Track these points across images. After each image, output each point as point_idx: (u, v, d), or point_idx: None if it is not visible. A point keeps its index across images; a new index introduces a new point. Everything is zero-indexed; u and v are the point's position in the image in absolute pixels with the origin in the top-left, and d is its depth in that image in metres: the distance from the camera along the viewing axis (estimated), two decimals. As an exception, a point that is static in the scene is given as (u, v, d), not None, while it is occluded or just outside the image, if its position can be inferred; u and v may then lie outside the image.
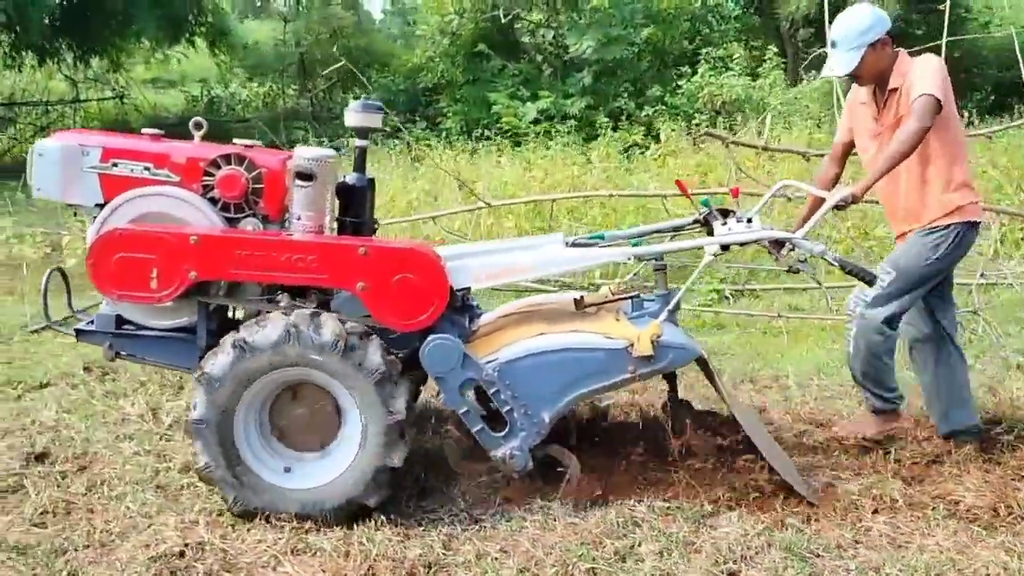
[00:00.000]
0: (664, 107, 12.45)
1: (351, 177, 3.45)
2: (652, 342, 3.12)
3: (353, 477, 3.04)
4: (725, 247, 3.32)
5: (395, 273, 3.09)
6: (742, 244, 3.34)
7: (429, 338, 3.14)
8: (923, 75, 3.38)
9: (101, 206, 3.21)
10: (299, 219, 3.21)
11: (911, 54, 3.58)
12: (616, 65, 13.46)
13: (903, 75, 3.48)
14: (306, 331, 2.98)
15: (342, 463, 3.07)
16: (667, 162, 9.92)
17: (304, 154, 3.21)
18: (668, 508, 3.20)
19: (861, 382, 3.77)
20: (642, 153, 10.80)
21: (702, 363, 3.36)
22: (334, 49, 15.97)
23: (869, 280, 3.24)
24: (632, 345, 3.13)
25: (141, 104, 16.67)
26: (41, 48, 13.44)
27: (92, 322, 3.32)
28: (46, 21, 11.07)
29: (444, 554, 2.92)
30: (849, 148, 3.80)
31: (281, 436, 3.16)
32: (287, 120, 14.71)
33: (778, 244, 3.46)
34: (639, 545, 2.97)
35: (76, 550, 2.92)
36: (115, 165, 3.21)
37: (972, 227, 3.55)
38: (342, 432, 3.11)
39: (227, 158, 3.23)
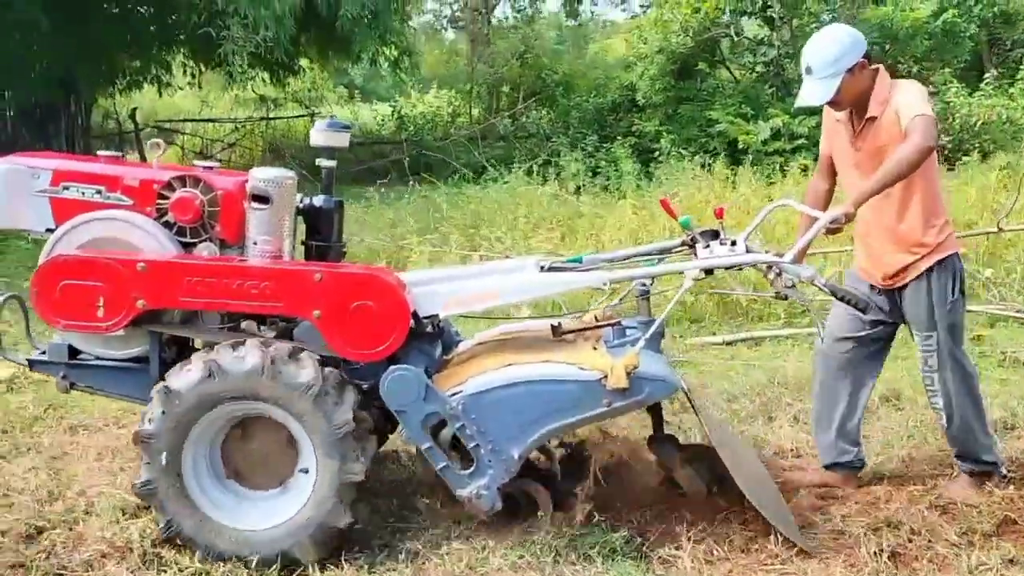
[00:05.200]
0: None
1: (318, 199, 3.29)
2: (627, 373, 2.90)
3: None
4: (708, 271, 3.10)
5: (352, 300, 2.92)
6: (726, 268, 3.12)
7: (389, 369, 2.96)
8: (909, 100, 3.13)
9: (52, 231, 3.09)
10: (255, 244, 3.06)
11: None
12: None
13: (883, 103, 3.22)
14: (282, 368, 2.83)
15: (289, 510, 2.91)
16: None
17: (259, 175, 3.06)
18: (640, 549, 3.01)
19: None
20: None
21: (686, 395, 3.14)
22: (523, 68, 15.83)
23: (862, 307, 2.99)
24: (606, 377, 2.92)
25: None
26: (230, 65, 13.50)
27: (44, 352, 3.19)
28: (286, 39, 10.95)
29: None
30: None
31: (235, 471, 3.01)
32: (483, 139, 14.55)
33: (769, 268, 3.24)
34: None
35: None
36: (66, 188, 3.08)
37: (958, 256, 3.36)
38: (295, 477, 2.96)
39: (182, 180, 3.09)
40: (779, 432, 4.12)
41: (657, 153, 11.24)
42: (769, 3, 13.10)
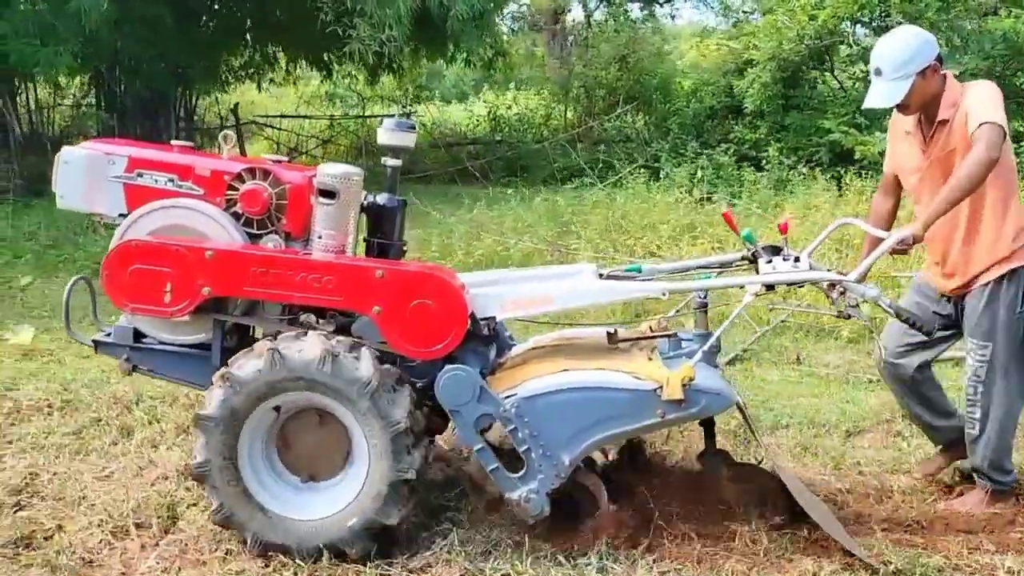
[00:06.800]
0: None
1: (381, 197, 3.33)
2: (683, 386, 2.89)
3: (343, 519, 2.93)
4: (770, 287, 3.07)
5: (412, 298, 2.95)
6: (788, 285, 3.09)
7: (445, 368, 2.98)
8: (980, 102, 3.07)
9: (125, 217, 3.17)
10: (320, 238, 3.10)
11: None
12: None
13: (953, 105, 3.17)
14: (343, 360, 2.87)
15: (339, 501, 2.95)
16: None
17: (327, 171, 3.10)
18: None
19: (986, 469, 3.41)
20: None
21: (740, 411, 3.11)
22: (622, 71, 15.63)
23: (927, 329, 2.94)
24: (661, 388, 2.91)
25: (427, 121, 16.47)
26: (327, 63, 13.76)
27: (109, 333, 3.27)
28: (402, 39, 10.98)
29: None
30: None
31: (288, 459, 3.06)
32: (579, 142, 14.52)
33: (832, 286, 3.20)
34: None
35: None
36: (140, 175, 3.16)
37: None
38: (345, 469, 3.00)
39: (252, 172, 3.15)
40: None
41: (764, 162, 11.07)
42: (887, 13, 12.82)
